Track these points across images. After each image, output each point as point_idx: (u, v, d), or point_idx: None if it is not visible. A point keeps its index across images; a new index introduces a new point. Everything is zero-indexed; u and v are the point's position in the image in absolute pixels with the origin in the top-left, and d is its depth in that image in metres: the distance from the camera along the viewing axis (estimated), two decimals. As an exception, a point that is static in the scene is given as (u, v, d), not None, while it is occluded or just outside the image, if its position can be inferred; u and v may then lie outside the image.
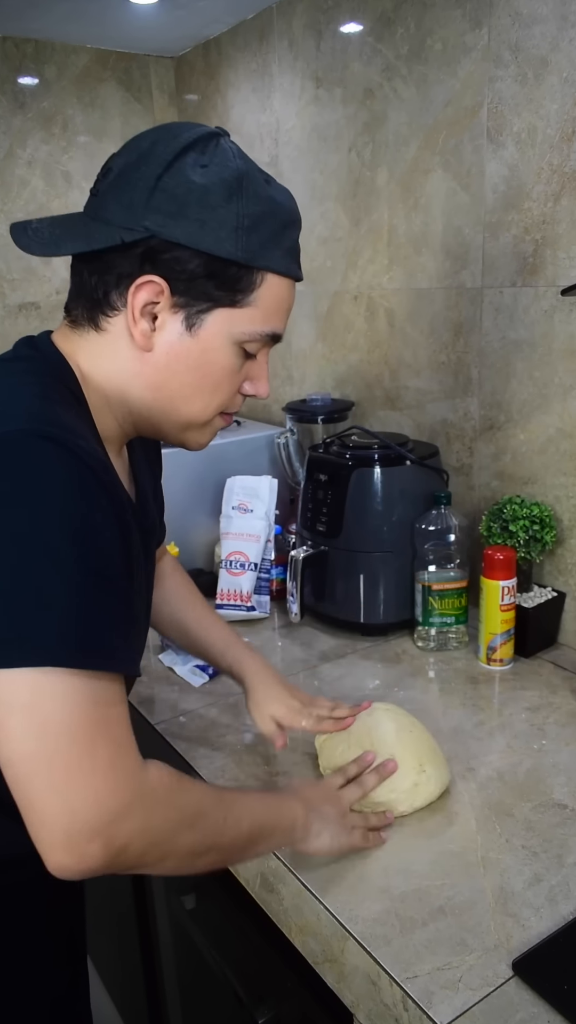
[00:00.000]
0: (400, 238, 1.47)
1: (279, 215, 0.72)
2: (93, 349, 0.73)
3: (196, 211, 0.67)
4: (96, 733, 0.58)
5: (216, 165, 0.68)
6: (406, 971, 0.69)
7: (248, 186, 0.69)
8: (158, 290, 0.69)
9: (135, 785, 0.61)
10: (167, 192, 0.67)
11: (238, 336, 0.73)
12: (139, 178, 0.68)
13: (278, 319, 0.75)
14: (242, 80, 1.80)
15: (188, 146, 0.68)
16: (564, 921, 0.73)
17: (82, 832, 0.57)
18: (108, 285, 0.70)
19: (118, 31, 1.80)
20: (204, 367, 0.73)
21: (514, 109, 1.20)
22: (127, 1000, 1.55)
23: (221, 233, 0.68)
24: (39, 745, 0.57)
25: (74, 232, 0.71)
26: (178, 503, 1.55)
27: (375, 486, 1.28)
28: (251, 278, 0.71)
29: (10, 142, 1.85)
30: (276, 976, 0.89)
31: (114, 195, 0.69)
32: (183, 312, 0.70)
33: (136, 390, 0.73)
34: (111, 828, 0.58)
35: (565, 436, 1.23)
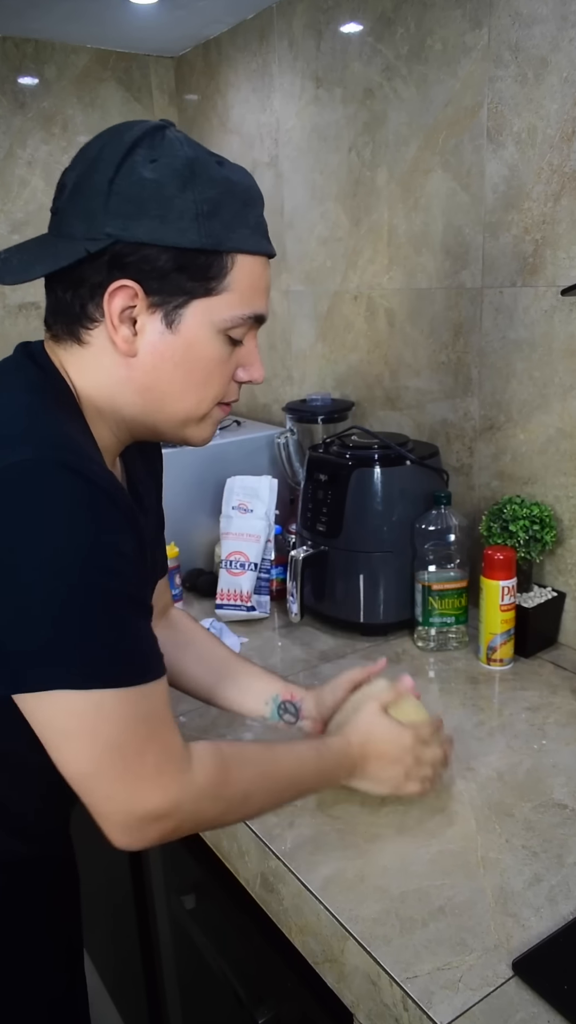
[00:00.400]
0: (400, 238, 1.47)
1: (237, 194, 0.71)
2: (79, 362, 0.72)
3: (153, 207, 0.67)
4: (142, 745, 0.64)
5: (165, 157, 0.68)
6: (406, 971, 0.69)
7: (200, 171, 0.69)
8: (132, 293, 0.68)
9: (181, 786, 0.67)
10: (121, 194, 0.67)
11: (220, 324, 0.72)
12: (92, 186, 0.68)
13: (257, 299, 0.74)
14: (242, 80, 1.80)
15: (134, 144, 0.68)
16: (564, 921, 0.73)
17: (138, 824, 0.65)
18: (83, 298, 0.70)
19: (118, 31, 1.80)
20: (191, 361, 0.72)
21: (514, 109, 1.20)
22: (127, 1000, 1.55)
23: (182, 224, 0.67)
24: (93, 764, 0.63)
25: (41, 254, 0.71)
26: (178, 503, 1.56)
27: (375, 486, 1.28)
28: (221, 263, 0.70)
29: (10, 142, 1.85)
30: (276, 976, 0.89)
31: (72, 209, 0.70)
32: (160, 311, 0.70)
33: (126, 396, 0.73)
34: (161, 819, 0.66)
35: (565, 436, 1.23)
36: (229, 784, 0.72)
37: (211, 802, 0.70)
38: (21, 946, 0.85)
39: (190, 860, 1.04)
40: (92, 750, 0.63)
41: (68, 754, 0.63)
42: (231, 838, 0.92)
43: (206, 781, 0.69)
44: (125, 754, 0.63)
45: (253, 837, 0.87)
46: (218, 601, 1.41)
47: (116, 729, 0.62)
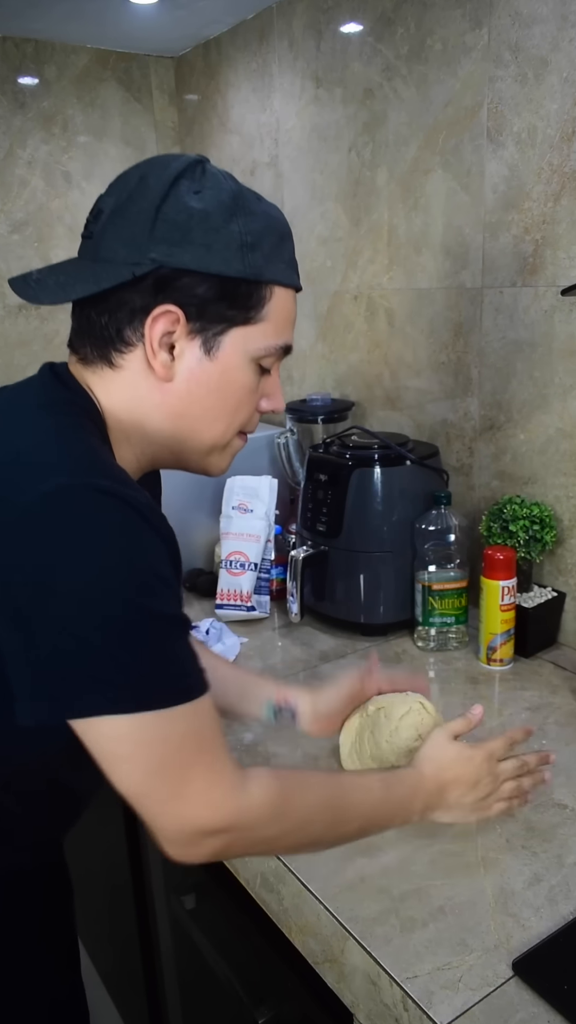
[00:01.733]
0: (400, 238, 1.47)
1: (276, 228, 0.73)
2: (109, 385, 0.72)
3: (200, 235, 0.68)
4: (190, 765, 0.64)
5: (210, 189, 0.69)
6: (406, 971, 0.69)
7: (244, 204, 0.71)
8: (174, 319, 0.69)
9: (231, 806, 0.66)
10: (168, 221, 0.68)
11: (254, 352, 0.73)
12: (136, 212, 0.68)
13: (288, 330, 0.76)
14: (242, 80, 1.80)
15: (179, 175, 0.69)
16: (564, 921, 0.73)
17: (189, 839, 0.65)
18: (120, 322, 0.70)
19: (118, 31, 1.80)
20: (224, 388, 0.74)
21: (514, 109, 1.20)
22: (127, 1000, 1.55)
23: (227, 253, 0.69)
24: (142, 786, 0.63)
25: (79, 276, 0.71)
26: (178, 503, 1.55)
27: (375, 486, 1.28)
28: (260, 293, 0.72)
29: (10, 142, 1.85)
30: (276, 976, 0.89)
31: (113, 233, 0.70)
32: (200, 337, 0.71)
33: (156, 421, 0.73)
34: (215, 836, 0.65)
35: (565, 436, 1.23)
36: (288, 806, 0.70)
37: (267, 824, 0.68)
38: (20, 951, 0.85)
39: (190, 860, 1.04)
40: (141, 772, 0.63)
41: (117, 776, 0.63)
42: (231, 838, 0.92)
43: (263, 801, 0.68)
44: (171, 774, 0.63)
45: (253, 837, 0.87)
46: (218, 601, 1.41)
47: (161, 750, 0.62)
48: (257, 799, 0.67)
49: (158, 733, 0.62)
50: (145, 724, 0.61)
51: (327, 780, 0.79)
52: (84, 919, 1.61)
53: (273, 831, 0.69)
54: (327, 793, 0.75)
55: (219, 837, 0.65)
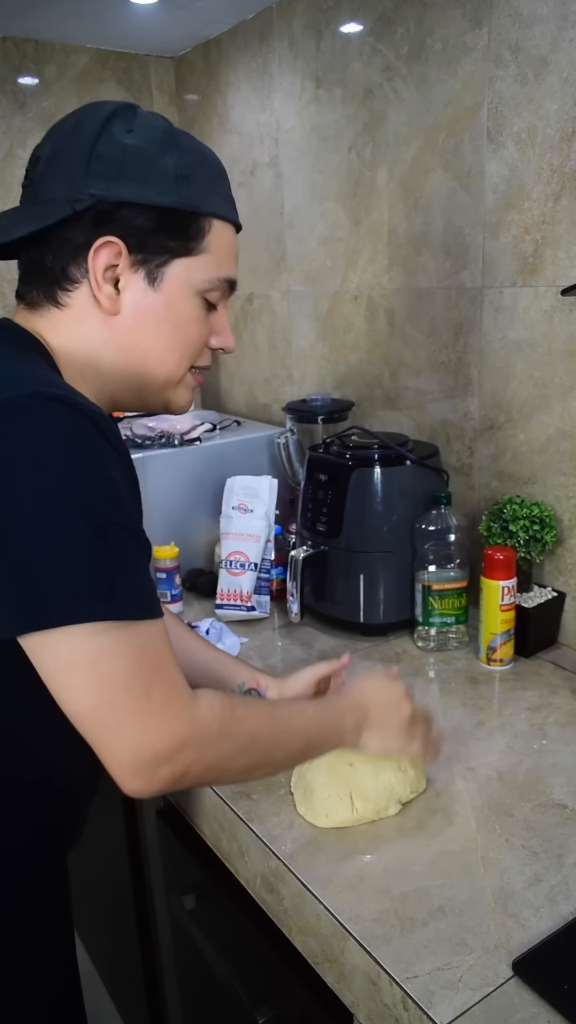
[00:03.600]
0: (400, 238, 1.47)
1: (210, 164, 0.75)
2: (58, 326, 0.73)
3: (135, 169, 0.70)
4: (149, 679, 0.64)
5: (142, 127, 0.72)
6: (406, 971, 0.69)
7: (178, 139, 0.73)
8: (116, 250, 0.71)
9: (188, 721, 0.66)
10: (103, 158, 0.70)
11: (198, 284, 0.75)
12: (72, 152, 0.70)
13: (230, 264, 0.77)
14: (242, 80, 1.80)
15: (111, 115, 0.71)
16: (564, 921, 0.73)
17: (147, 763, 0.64)
18: (64, 260, 0.71)
19: (118, 31, 1.80)
20: (172, 318, 0.75)
21: (514, 109, 1.20)
22: (127, 1000, 1.55)
23: (163, 185, 0.71)
24: (100, 698, 0.62)
25: (20, 218, 0.72)
26: (178, 503, 1.56)
27: (375, 486, 1.28)
28: (199, 224, 0.74)
29: (10, 142, 1.85)
30: (276, 976, 0.89)
31: (50, 176, 0.72)
32: (143, 268, 0.72)
33: (108, 357, 0.74)
34: (171, 758, 0.65)
35: (565, 436, 1.23)
36: (236, 722, 0.72)
37: (219, 739, 0.70)
38: (18, 949, 0.85)
39: (190, 860, 1.04)
40: (99, 684, 0.62)
41: (75, 691, 0.62)
42: (231, 838, 0.92)
43: (213, 717, 0.69)
44: (131, 688, 0.63)
45: (254, 837, 0.87)
46: (218, 601, 1.41)
47: (122, 662, 0.62)
48: (208, 713, 0.69)
49: (118, 644, 0.61)
50: (103, 634, 0.61)
51: (265, 703, 0.86)
52: (84, 919, 1.61)
53: (226, 746, 0.71)
54: (267, 711, 0.80)
55: (176, 760, 0.65)
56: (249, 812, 0.90)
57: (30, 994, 0.88)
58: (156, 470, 1.49)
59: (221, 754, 0.71)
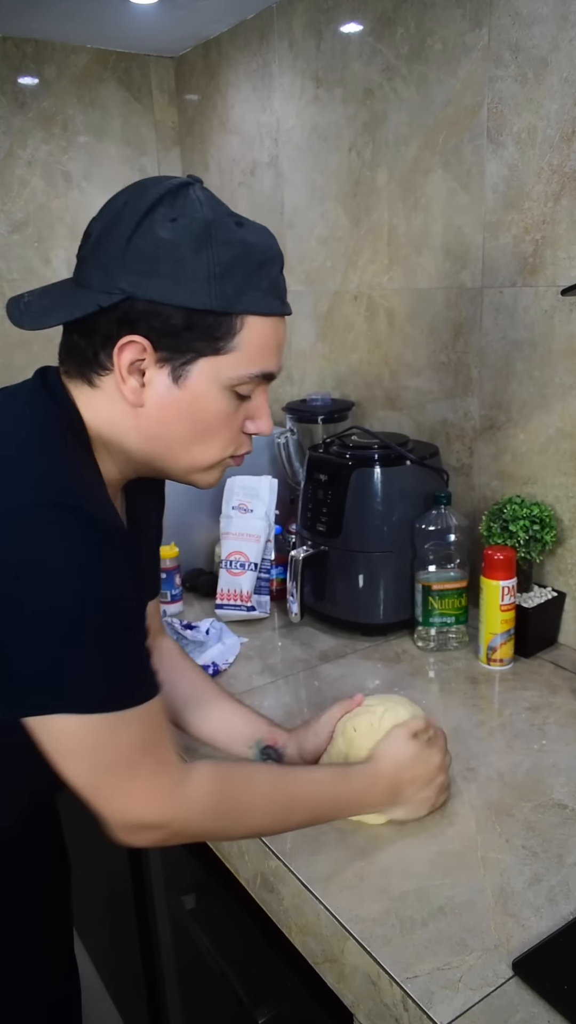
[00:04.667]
0: (400, 238, 1.47)
1: (253, 256, 0.72)
2: (91, 403, 0.74)
3: (167, 267, 0.68)
4: (136, 762, 0.68)
5: (184, 217, 0.69)
6: (406, 971, 0.69)
7: (216, 234, 0.69)
8: (141, 348, 0.70)
9: (171, 802, 0.71)
10: (138, 252, 0.68)
11: (226, 381, 0.73)
12: (112, 241, 0.69)
13: (266, 358, 0.75)
14: (242, 80, 1.80)
15: (156, 202, 0.69)
16: (564, 921, 0.73)
17: (133, 828, 0.70)
18: (96, 347, 0.71)
19: (118, 31, 1.80)
20: (196, 415, 0.74)
21: (514, 109, 1.20)
22: (127, 1000, 1.55)
23: (194, 285, 0.68)
24: (90, 779, 0.68)
25: (60, 302, 0.73)
26: (178, 503, 1.55)
27: (375, 486, 1.28)
28: (230, 324, 0.71)
29: (10, 142, 1.85)
30: (276, 976, 0.89)
31: (92, 260, 0.71)
32: (168, 366, 0.71)
33: (133, 442, 0.75)
34: (156, 829, 0.71)
35: (565, 436, 1.23)
36: (226, 803, 0.75)
37: (205, 817, 0.74)
38: (18, 947, 0.85)
39: (190, 860, 1.04)
40: (89, 768, 0.67)
41: (67, 771, 0.67)
42: (231, 838, 0.92)
43: (201, 797, 0.72)
44: (118, 772, 0.68)
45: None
46: (218, 601, 1.41)
47: (110, 750, 0.66)
48: (195, 797, 0.72)
49: (108, 734, 0.66)
50: (96, 725, 0.65)
51: (273, 775, 0.82)
52: (84, 920, 1.61)
53: (211, 826, 0.76)
54: (271, 788, 0.79)
55: (159, 830, 0.71)
56: (249, 812, 0.90)
57: (28, 989, 0.88)
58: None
59: (208, 829, 0.77)
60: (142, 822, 0.70)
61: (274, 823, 0.81)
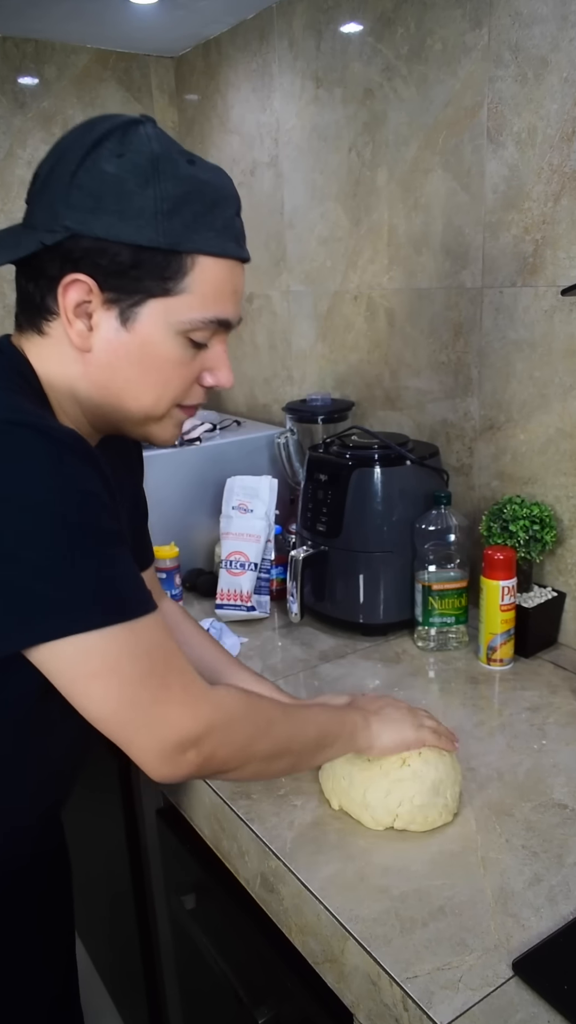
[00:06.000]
0: (400, 238, 1.47)
1: (205, 193, 0.69)
2: (41, 353, 0.72)
3: (113, 202, 0.65)
4: (164, 671, 0.66)
5: (131, 152, 0.66)
6: (406, 971, 0.69)
7: (165, 168, 0.66)
8: (86, 288, 0.67)
9: (211, 704, 0.69)
10: (83, 188, 0.66)
11: (178, 325, 0.70)
12: (56, 178, 0.67)
13: (222, 303, 0.71)
14: (242, 80, 1.80)
15: (102, 137, 0.66)
16: (564, 921, 0.73)
17: (174, 750, 0.66)
18: (43, 289, 0.69)
19: (118, 31, 1.80)
20: (146, 360, 0.71)
21: (514, 109, 1.20)
22: (127, 1000, 1.55)
23: (140, 221, 0.66)
24: (123, 700, 0.64)
25: (5, 243, 0.70)
26: (178, 503, 1.56)
27: (375, 486, 1.28)
28: (180, 263, 0.68)
29: (10, 142, 1.85)
30: (276, 976, 0.89)
31: (38, 199, 0.69)
32: (116, 307, 0.69)
33: (84, 390, 0.73)
34: (198, 742, 0.67)
35: (565, 436, 1.23)
36: (254, 707, 0.75)
37: (242, 722, 0.72)
38: (16, 945, 0.85)
39: (190, 860, 1.04)
40: (119, 686, 0.63)
41: (96, 696, 0.63)
42: (231, 838, 0.92)
43: (234, 700, 0.73)
44: (150, 683, 0.64)
45: (253, 837, 0.87)
46: (218, 601, 1.41)
47: (137, 660, 0.63)
48: (228, 698, 0.72)
49: (127, 645, 0.63)
50: (114, 636, 0.62)
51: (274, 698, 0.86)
52: (85, 919, 1.61)
53: (248, 730, 0.73)
54: (279, 703, 0.82)
55: (203, 743, 0.67)
56: (249, 812, 0.90)
57: (27, 988, 0.88)
58: (156, 470, 1.49)
59: (246, 736, 0.73)
60: (184, 736, 0.66)
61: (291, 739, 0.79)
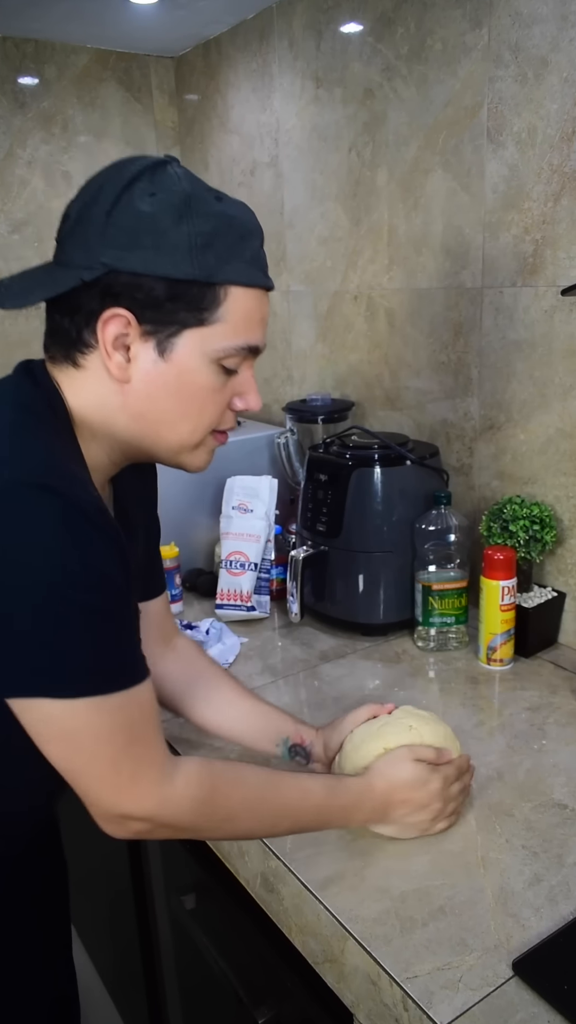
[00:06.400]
0: (400, 238, 1.47)
1: (234, 228, 0.72)
2: (75, 385, 0.73)
3: (148, 239, 0.68)
4: (118, 754, 0.67)
5: (163, 191, 0.69)
6: (406, 971, 0.69)
7: (196, 206, 0.70)
8: (125, 322, 0.70)
9: (154, 800, 0.69)
10: (118, 226, 0.68)
11: (212, 354, 0.73)
12: (92, 217, 0.69)
13: (251, 331, 0.75)
14: (242, 80, 1.80)
15: (134, 178, 0.69)
16: (564, 921, 0.73)
17: (117, 819, 0.69)
18: (79, 324, 0.71)
19: (118, 31, 1.80)
20: (183, 389, 0.73)
21: (514, 109, 1.20)
22: (127, 1000, 1.55)
23: (176, 256, 0.69)
24: (72, 765, 0.67)
25: (41, 280, 0.72)
26: (178, 503, 1.56)
27: (375, 486, 1.28)
28: (214, 294, 0.71)
29: (10, 142, 1.85)
30: (276, 976, 0.89)
31: (72, 238, 0.71)
32: (153, 339, 0.71)
33: (121, 422, 0.74)
34: (140, 821, 0.69)
35: (565, 436, 1.23)
36: (213, 803, 0.73)
37: (191, 815, 0.72)
38: (13, 943, 0.85)
39: (190, 860, 1.04)
40: (71, 754, 0.66)
41: (51, 755, 0.67)
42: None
43: (186, 796, 0.71)
44: (100, 762, 0.67)
45: (253, 837, 0.87)
46: (218, 601, 1.41)
47: (92, 737, 0.65)
48: (180, 795, 0.71)
49: (88, 720, 0.65)
50: (76, 710, 0.64)
51: (263, 779, 0.79)
52: (85, 919, 1.61)
53: (196, 824, 0.73)
54: (259, 793, 0.77)
55: (143, 822, 0.69)
56: (249, 812, 0.90)
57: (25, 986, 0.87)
58: (156, 470, 1.49)
59: (194, 827, 0.74)
60: (124, 813, 0.69)
61: (260, 828, 0.80)
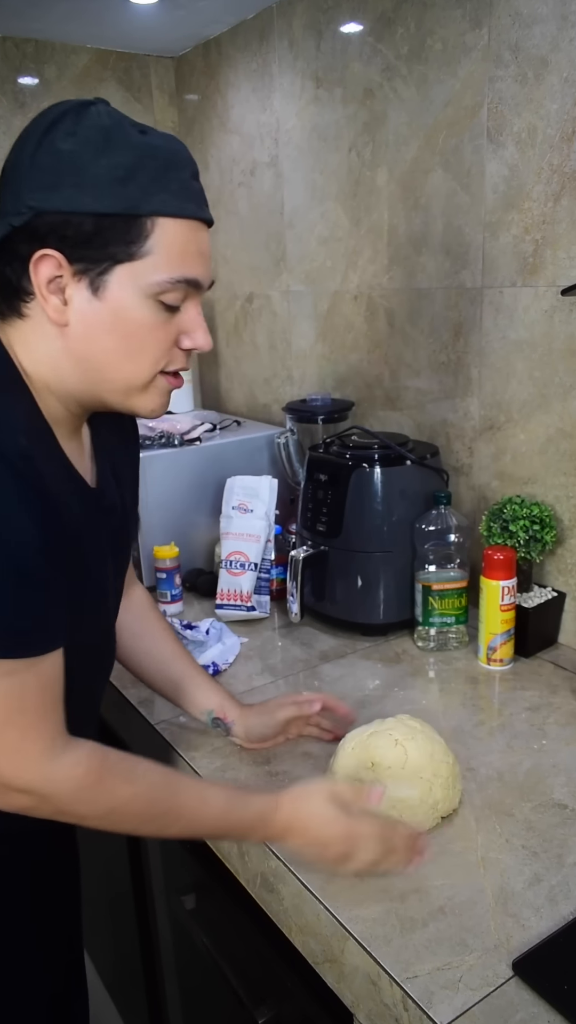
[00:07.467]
0: (400, 238, 1.47)
1: (158, 158, 0.71)
2: (22, 336, 0.73)
3: (70, 177, 0.68)
4: (8, 718, 0.67)
5: (84, 129, 0.69)
6: (406, 971, 0.69)
7: (116, 138, 0.69)
8: (56, 263, 0.69)
9: (35, 775, 0.69)
10: (40, 167, 0.69)
11: (147, 288, 0.71)
12: (18, 163, 0.70)
13: (188, 264, 0.73)
14: (242, 80, 1.80)
15: (56, 120, 0.70)
16: (564, 921, 0.73)
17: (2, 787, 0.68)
18: (18, 272, 0.71)
19: (118, 31, 1.80)
20: (120, 327, 0.72)
21: (514, 109, 1.20)
22: (127, 1000, 1.55)
23: (97, 190, 0.68)
24: None
25: None
26: (178, 503, 1.56)
27: (375, 486, 1.28)
28: (140, 226, 0.70)
29: (10, 142, 1.84)
30: (276, 976, 0.89)
31: (5, 188, 0.72)
32: (85, 278, 0.70)
33: (67, 367, 0.74)
34: (22, 794, 0.69)
35: (565, 436, 1.23)
36: (96, 791, 0.71)
37: (70, 800, 0.71)
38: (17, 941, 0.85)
39: (190, 860, 1.05)
40: None
41: None
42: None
43: (70, 777, 0.70)
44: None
45: (253, 837, 0.87)
46: (218, 601, 1.41)
47: None
48: (64, 775, 0.70)
49: None
50: None
51: (160, 780, 0.76)
52: (85, 919, 1.61)
53: (76, 809, 0.72)
54: (151, 793, 0.75)
55: (25, 796, 0.69)
56: (249, 812, 0.90)
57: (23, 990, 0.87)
58: (156, 470, 1.49)
59: (71, 812, 0.72)
60: (7, 782, 0.68)
61: (147, 827, 0.77)
